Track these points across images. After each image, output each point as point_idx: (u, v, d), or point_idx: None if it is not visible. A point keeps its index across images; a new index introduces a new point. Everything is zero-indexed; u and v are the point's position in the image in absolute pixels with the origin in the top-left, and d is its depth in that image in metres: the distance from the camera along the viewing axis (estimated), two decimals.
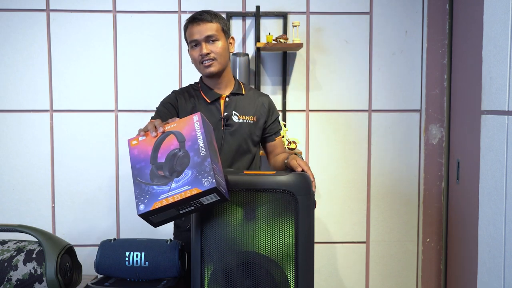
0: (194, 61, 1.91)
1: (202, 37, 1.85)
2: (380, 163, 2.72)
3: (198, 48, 1.87)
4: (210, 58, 1.86)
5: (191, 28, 1.88)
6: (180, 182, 1.38)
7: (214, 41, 1.87)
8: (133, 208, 2.66)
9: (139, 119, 2.65)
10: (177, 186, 1.37)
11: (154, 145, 1.48)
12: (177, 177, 1.39)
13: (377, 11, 2.68)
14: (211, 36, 1.86)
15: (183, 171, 1.39)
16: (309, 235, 1.57)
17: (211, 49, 1.86)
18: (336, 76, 2.69)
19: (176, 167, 1.41)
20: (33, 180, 2.63)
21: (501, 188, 1.56)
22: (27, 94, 2.62)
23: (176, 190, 1.37)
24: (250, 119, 1.93)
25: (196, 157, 1.41)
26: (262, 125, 1.97)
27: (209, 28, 1.86)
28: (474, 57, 2.31)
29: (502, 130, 1.56)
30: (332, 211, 2.72)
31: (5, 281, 1.67)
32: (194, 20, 1.87)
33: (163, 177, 1.40)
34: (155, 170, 1.42)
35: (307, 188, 1.58)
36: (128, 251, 1.79)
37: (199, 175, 1.38)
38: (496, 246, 1.59)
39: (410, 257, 2.74)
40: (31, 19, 2.60)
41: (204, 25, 1.86)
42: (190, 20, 1.90)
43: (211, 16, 1.88)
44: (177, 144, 1.45)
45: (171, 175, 1.39)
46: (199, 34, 1.86)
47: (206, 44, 1.86)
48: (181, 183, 1.38)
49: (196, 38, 1.86)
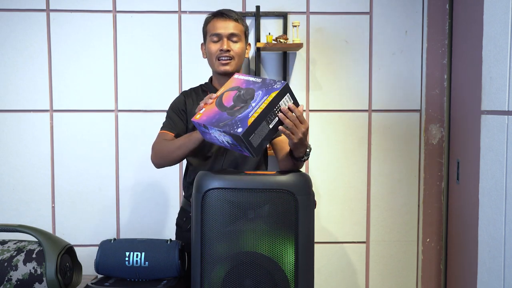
0: (210, 55, 1.89)
1: (227, 33, 1.85)
2: (380, 163, 2.72)
3: (218, 43, 1.86)
4: (229, 56, 1.86)
5: (216, 21, 1.87)
6: (257, 99, 1.52)
7: (236, 41, 1.87)
8: (133, 208, 2.66)
9: (139, 119, 2.65)
10: (257, 102, 1.51)
11: (217, 102, 1.60)
12: (252, 100, 1.53)
13: (377, 11, 2.68)
14: (235, 35, 1.87)
15: (253, 95, 1.54)
16: (309, 235, 1.57)
17: (232, 47, 1.86)
18: (336, 76, 2.69)
19: (246, 98, 1.54)
20: (33, 180, 2.63)
21: (501, 188, 1.56)
22: (27, 94, 2.62)
23: (259, 104, 1.50)
24: None
25: (256, 84, 1.57)
26: None
27: (234, 27, 1.87)
28: (474, 57, 2.31)
29: (502, 130, 1.56)
30: (332, 211, 2.72)
31: (5, 281, 1.67)
32: (222, 15, 1.87)
33: (240, 108, 1.52)
34: (230, 111, 1.53)
35: (307, 188, 1.58)
36: (128, 251, 1.79)
37: (269, 86, 1.53)
38: (496, 246, 1.59)
39: (410, 257, 2.74)
40: (31, 19, 2.60)
41: (231, 22, 1.87)
42: (215, 14, 1.89)
43: (238, 16, 1.89)
44: (234, 92, 1.59)
45: (246, 103, 1.53)
46: (224, 29, 1.85)
47: (228, 41, 1.86)
48: (258, 99, 1.52)
49: (220, 32, 1.86)
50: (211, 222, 1.55)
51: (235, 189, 1.55)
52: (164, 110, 2.62)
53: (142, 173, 2.66)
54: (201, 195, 1.56)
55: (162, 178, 2.66)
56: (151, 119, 2.64)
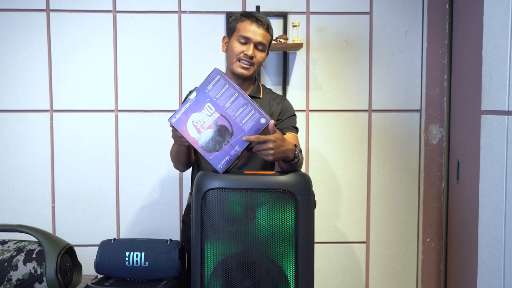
0: (232, 53, 1.92)
1: (255, 40, 1.89)
2: (380, 163, 2.72)
3: (245, 46, 1.89)
4: (251, 62, 1.90)
5: (250, 25, 1.90)
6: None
7: (261, 50, 1.92)
8: (133, 208, 2.66)
9: (139, 119, 2.65)
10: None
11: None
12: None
13: (377, 11, 2.68)
14: (262, 44, 1.91)
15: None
16: (309, 235, 1.57)
17: (256, 55, 1.90)
18: (336, 76, 2.69)
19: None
20: (33, 180, 2.63)
21: (501, 188, 1.56)
22: (27, 94, 2.62)
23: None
24: None
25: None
26: None
27: (265, 36, 1.91)
28: (474, 57, 2.31)
29: (502, 130, 1.56)
30: (332, 211, 2.72)
31: (5, 281, 1.67)
32: (257, 21, 1.90)
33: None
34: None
35: (307, 188, 1.58)
36: (128, 251, 1.79)
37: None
38: (496, 246, 1.59)
39: (410, 257, 2.74)
40: (31, 19, 2.60)
41: (264, 31, 1.91)
42: (250, 17, 1.91)
43: (270, 28, 1.94)
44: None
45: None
46: (254, 35, 1.89)
47: (254, 48, 1.90)
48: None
49: (249, 36, 1.89)
50: (211, 222, 1.55)
51: (235, 189, 1.55)
52: (164, 110, 2.64)
53: (142, 173, 2.66)
54: (201, 195, 1.56)
55: (162, 178, 2.66)
56: (151, 119, 2.64)
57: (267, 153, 1.64)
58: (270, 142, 1.63)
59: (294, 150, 1.73)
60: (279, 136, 1.66)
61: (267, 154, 1.64)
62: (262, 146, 1.63)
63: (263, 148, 1.63)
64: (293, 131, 2.00)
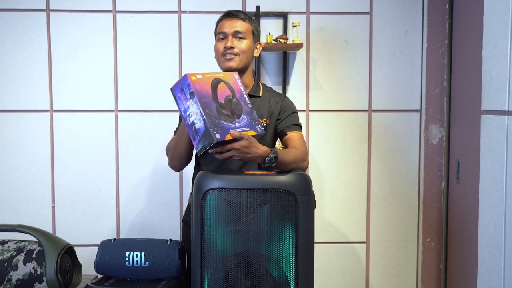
0: (217, 54, 1.94)
1: (231, 31, 1.90)
2: (380, 163, 2.72)
3: (224, 40, 1.91)
4: (233, 53, 1.89)
5: (223, 21, 1.93)
6: (242, 123, 1.71)
7: (241, 38, 1.91)
8: (133, 208, 2.66)
9: (139, 119, 2.65)
10: (240, 125, 1.70)
11: (212, 86, 1.71)
12: (238, 119, 1.71)
13: (377, 11, 2.68)
14: (240, 32, 1.91)
15: (240, 115, 1.72)
16: (309, 235, 1.57)
17: (236, 44, 1.90)
18: (336, 76, 2.69)
19: (235, 111, 1.71)
20: (33, 180, 2.63)
21: (501, 188, 1.57)
22: (27, 94, 2.62)
23: (240, 129, 1.68)
24: (263, 121, 1.93)
25: (246, 107, 1.76)
26: (275, 124, 1.96)
27: (240, 25, 1.91)
28: (474, 57, 2.31)
29: (502, 130, 1.56)
30: (332, 211, 2.72)
31: (5, 281, 1.67)
32: (228, 15, 1.93)
33: (227, 116, 1.68)
34: (219, 108, 1.67)
35: (307, 188, 1.58)
36: (128, 251, 1.79)
37: (253, 122, 1.75)
38: (496, 246, 1.59)
39: (410, 257, 2.74)
40: (31, 19, 2.60)
41: (237, 21, 1.91)
42: (224, 15, 1.95)
43: (245, 16, 1.95)
44: (230, 92, 1.74)
45: (232, 116, 1.69)
46: (229, 28, 1.90)
47: (233, 39, 1.90)
48: (242, 124, 1.71)
49: (225, 30, 1.90)
50: (211, 222, 1.55)
51: (235, 189, 1.55)
52: (164, 110, 2.64)
53: (142, 173, 2.66)
54: (201, 195, 1.56)
55: (162, 178, 2.66)
56: (151, 119, 2.64)
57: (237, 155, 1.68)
58: (232, 150, 1.65)
59: (264, 156, 1.71)
60: (245, 144, 1.66)
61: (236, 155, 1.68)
62: (223, 155, 1.66)
63: (223, 156, 1.66)
64: (295, 129, 1.96)
